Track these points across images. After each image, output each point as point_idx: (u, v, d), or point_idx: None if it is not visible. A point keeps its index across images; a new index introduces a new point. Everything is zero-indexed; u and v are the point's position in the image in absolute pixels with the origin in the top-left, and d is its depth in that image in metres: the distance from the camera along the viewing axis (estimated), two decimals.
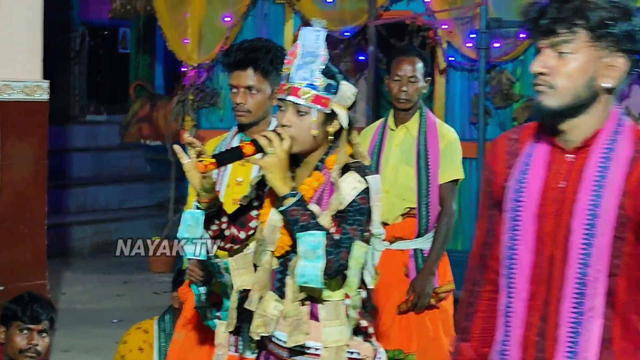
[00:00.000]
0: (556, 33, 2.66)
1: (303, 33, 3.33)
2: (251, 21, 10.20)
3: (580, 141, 2.72)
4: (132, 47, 16.31)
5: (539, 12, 2.71)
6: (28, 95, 6.57)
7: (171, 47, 10.39)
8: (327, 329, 3.34)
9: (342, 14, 9.50)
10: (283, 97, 3.34)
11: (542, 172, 2.75)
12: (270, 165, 3.23)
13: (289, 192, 3.24)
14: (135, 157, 14.00)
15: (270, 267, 3.42)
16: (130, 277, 10.35)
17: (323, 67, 3.31)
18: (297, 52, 3.34)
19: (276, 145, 3.24)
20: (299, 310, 3.34)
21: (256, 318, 3.42)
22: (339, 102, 3.35)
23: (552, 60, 2.67)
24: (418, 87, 5.27)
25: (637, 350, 2.74)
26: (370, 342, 3.48)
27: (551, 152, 2.76)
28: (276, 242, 3.38)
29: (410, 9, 9.60)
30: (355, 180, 3.31)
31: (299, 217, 3.22)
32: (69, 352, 7.39)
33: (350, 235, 3.26)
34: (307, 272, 3.19)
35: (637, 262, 2.70)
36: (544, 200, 2.73)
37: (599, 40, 2.65)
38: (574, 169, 2.72)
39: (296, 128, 3.31)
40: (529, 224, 2.75)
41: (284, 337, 3.40)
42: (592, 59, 2.66)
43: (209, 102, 10.42)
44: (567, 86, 2.65)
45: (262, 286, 3.43)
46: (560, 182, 2.73)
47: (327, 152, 3.40)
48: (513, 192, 2.78)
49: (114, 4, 12.55)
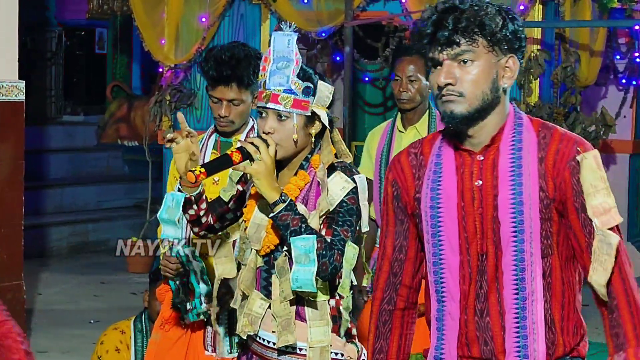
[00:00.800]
0: (457, 43, 2.77)
1: (274, 38, 3.34)
2: (228, 22, 10.20)
3: (487, 140, 2.85)
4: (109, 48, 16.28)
5: (434, 25, 2.80)
6: (4, 95, 6.55)
7: (148, 47, 10.37)
8: (313, 329, 3.36)
9: (319, 14, 9.50)
10: (263, 105, 3.35)
11: (454, 176, 2.87)
12: (258, 172, 3.23)
13: (278, 198, 3.24)
14: (112, 158, 13.98)
15: (255, 265, 3.43)
16: (108, 278, 10.33)
17: (298, 71, 3.32)
18: (270, 57, 3.34)
19: (263, 151, 3.25)
20: (288, 310, 3.35)
21: (242, 317, 3.43)
22: (318, 103, 3.37)
23: (456, 70, 2.79)
24: (420, 87, 5.14)
25: (577, 328, 2.88)
26: (354, 343, 3.49)
27: (459, 156, 2.88)
28: (261, 240, 3.39)
29: (387, 10, 9.63)
30: (343, 180, 3.33)
31: (290, 221, 3.22)
32: (45, 354, 7.37)
33: (342, 237, 3.27)
34: (301, 276, 3.20)
35: (565, 239, 2.83)
36: (464, 202, 2.84)
37: (496, 45, 2.79)
38: (485, 166, 2.84)
39: (279, 134, 3.33)
40: (452, 226, 2.85)
41: (268, 337, 3.41)
42: (491, 63, 2.79)
43: (186, 103, 10.41)
44: (474, 92, 2.78)
45: (247, 285, 3.43)
46: (475, 182, 2.84)
47: (311, 152, 3.42)
48: (430, 200, 2.89)
49: (91, 4, 12.53)
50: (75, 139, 13.93)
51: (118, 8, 12.13)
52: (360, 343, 3.53)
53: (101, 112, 14.12)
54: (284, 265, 3.33)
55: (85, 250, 11.80)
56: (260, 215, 3.40)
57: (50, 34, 14.61)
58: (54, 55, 14.66)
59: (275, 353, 3.41)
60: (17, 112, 6.63)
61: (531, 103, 9.23)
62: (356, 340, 3.51)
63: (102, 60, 16.47)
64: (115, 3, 12.13)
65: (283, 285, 3.33)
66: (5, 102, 6.55)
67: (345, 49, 8.34)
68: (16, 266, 6.68)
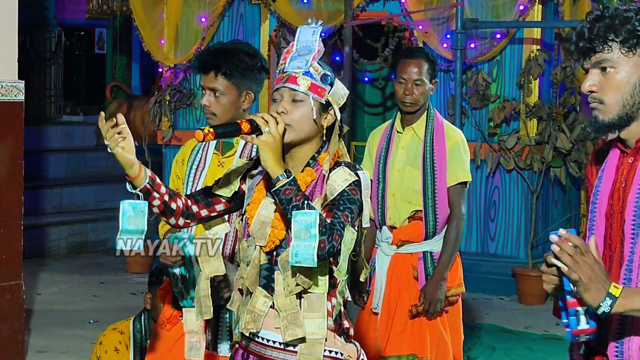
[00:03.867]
0: (595, 51, 2.84)
1: (300, 30, 3.36)
2: (227, 22, 10.21)
3: (634, 143, 2.91)
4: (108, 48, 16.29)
5: (577, 35, 2.88)
6: (4, 95, 6.55)
7: (147, 47, 10.38)
8: (307, 320, 3.34)
9: (318, 14, 9.50)
10: (280, 86, 3.35)
11: (612, 175, 2.95)
12: (265, 144, 3.23)
13: (282, 172, 3.23)
14: (111, 158, 13.83)
15: (259, 262, 3.41)
16: (107, 278, 10.32)
17: (319, 58, 3.35)
18: (293, 48, 3.37)
19: (272, 125, 3.25)
20: (295, 304, 3.33)
21: (245, 314, 3.41)
22: (333, 97, 3.37)
23: (597, 77, 2.85)
24: (424, 91, 5.15)
25: None
26: (353, 343, 3.48)
27: (620, 156, 2.95)
28: (266, 236, 3.37)
29: (387, 10, 9.63)
30: (346, 173, 3.33)
31: (293, 196, 3.20)
32: (44, 354, 7.36)
33: (341, 220, 3.25)
34: (301, 251, 3.16)
35: None
36: (612, 200, 2.92)
37: (633, 49, 2.82)
38: (632, 169, 2.90)
39: (292, 115, 3.32)
40: (600, 223, 2.94)
41: (268, 336, 3.39)
42: (631, 67, 2.83)
43: (185, 103, 10.42)
44: (615, 98, 2.83)
45: (252, 282, 3.41)
46: (622, 183, 2.91)
47: (319, 150, 3.41)
48: (592, 196, 2.99)
49: (90, 4, 12.53)
50: (74, 139, 13.93)
51: (117, 8, 12.13)
52: (358, 343, 3.52)
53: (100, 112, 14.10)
54: (288, 259, 3.32)
55: (84, 251, 11.79)
56: (265, 211, 3.39)
57: (49, 34, 14.60)
58: (53, 56, 14.65)
59: (274, 352, 3.40)
60: (16, 112, 6.62)
61: (531, 103, 9.23)
62: (354, 341, 3.50)
63: (102, 60, 16.48)
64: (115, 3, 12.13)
65: (288, 280, 3.31)
66: (4, 102, 6.55)
67: (345, 49, 8.34)
68: (15, 266, 6.67)
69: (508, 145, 9.23)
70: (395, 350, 5.11)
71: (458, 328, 5.18)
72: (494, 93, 9.36)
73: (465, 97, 9.29)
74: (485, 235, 9.58)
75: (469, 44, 9.11)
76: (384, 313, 5.14)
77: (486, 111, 9.40)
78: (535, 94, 9.30)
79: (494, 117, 9.24)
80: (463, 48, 8.83)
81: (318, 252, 3.17)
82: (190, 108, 10.45)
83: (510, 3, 9.19)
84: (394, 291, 5.12)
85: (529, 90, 9.23)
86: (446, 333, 5.11)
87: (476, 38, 9.27)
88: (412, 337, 5.12)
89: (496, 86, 9.40)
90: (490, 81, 9.34)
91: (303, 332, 3.32)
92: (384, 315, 5.14)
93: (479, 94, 9.31)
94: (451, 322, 5.15)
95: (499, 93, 9.37)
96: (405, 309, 5.11)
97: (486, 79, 9.30)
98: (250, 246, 3.43)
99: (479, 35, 9.26)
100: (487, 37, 9.29)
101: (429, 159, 5.11)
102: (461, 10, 8.77)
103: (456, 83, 8.87)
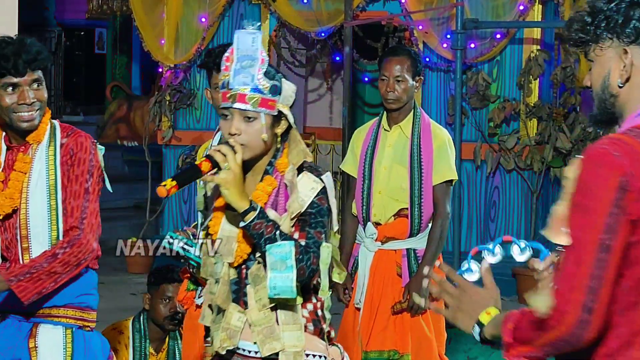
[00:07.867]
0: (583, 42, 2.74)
1: (237, 37, 3.25)
2: (227, 22, 10.21)
3: None
4: (108, 48, 16.30)
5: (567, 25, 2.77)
6: None
7: (147, 47, 10.38)
8: (286, 333, 3.31)
9: (319, 14, 9.51)
10: (228, 105, 3.25)
11: None
12: (226, 182, 3.18)
13: (248, 206, 3.20)
14: (112, 158, 13.96)
15: (229, 278, 3.36)
16: (107, 278, 10.30)
17: (264, 70, 3.25)
18: (232, 57, 3.25)
19: (230, 159, 3.18)
20: (269, 317, 3.31)
21: (220, 332, 3.36)
22: (283, 102, 3.30)
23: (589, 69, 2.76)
24: (407, 87, 5.15)
25: None
26: (336, 346, 3.47)
27: None
28: (233, 252, 3.32)
29: (387, 10, 9.63)
30: (311, 180, 3.29)
31: (263, 230, 3.18)
32: None
33: (316, 239, 3.23)
34: (279, 283, 3.16)
35: None
36: None
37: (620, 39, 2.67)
38: None
39: (246, 135, 3.25)
40: None
41: (249, 347, 3.35)
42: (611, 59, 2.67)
43: (185, 103, 10.42)
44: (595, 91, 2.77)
45: (223, 300, 3.36)
46: None
47: (275, 155, 3.35)
48: None
49: (90, 5, 12.56)
50: None
51: (118, 8, 12.15)
52: (340, 345, 3.52)
53: (101, 112, 14.14)
54: (258, 272, 3.28)
55: None
56: (228, 227, 3.33)
57: (49, 34, 14.63)
58: (53, 56, 14.67)
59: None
60: None
61: (531, 103, 9.23)
62: (336, 343, 3.48)
63: (102, 60, 16.49)
64: (115, 3, 12.15)
65: (260, 293, 3.28)
66: None
67: (345, 49, 8.34)
68: None
69: (508, 146, 9.23)
70: (377, 345, 5.14)
71: (441, 326, 5.20)
72: (494, 93, 9.36)
73: (466, 97, 9.29)
74: (485, 235, 9.58)
75: (469, 44, 9.11)
76: (366, 309, 5.16)
77: (486, 111, 9.40)
78: (535, 94, 9.30)
79: (494, 117, 9.24)
80: (463, 48, 8.83)
81: (299, 279, 3.17)
82: (190, 108, 10.45)
83: (510, 3, 9.19)
84: (377, 287, 5.14)
85: (529, 90, 9.23)
86: (429, 331, 5.13)
87: (476, 38, 9.27)
88: (395, 333, 5.15)
89: (496, 86, 9.40)
90: (490, 81, 9.34)
91: (281, 345, 3.30)
92: (366, 311, 5.16)
93: (479, 94, 9.31)
94: (435, 318, 5.17)
95: (499, 93, 9.37)
96: (388, 305, 5.14)
97: (486, 79, 9.30)
98: (217, 263, 3.38)
99: (479, 35, 9.26)
100: (487, 37, 9.29)
101: (416, 157, 5.14)
102: (461, 10, 8.77)
103: (456, 83, 8.87)
